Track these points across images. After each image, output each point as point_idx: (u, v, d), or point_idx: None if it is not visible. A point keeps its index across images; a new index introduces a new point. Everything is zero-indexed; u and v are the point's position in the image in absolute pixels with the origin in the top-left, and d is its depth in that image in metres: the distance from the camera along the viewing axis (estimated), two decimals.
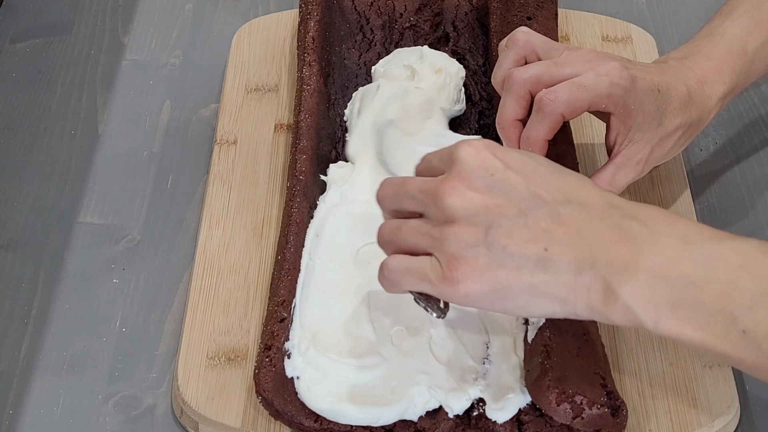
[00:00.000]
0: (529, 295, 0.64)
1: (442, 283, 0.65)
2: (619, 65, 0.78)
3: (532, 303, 0.65)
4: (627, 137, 0.80)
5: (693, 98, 0.81)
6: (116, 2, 1.09)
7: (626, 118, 0.79)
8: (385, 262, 0.68)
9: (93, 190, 0.92)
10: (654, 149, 0.81)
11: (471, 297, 0.65)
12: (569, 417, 0.71)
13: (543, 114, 0.78)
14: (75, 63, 1.03)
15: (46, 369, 0.80)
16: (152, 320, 0.83)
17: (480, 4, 1.00)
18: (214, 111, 0.98)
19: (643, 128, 0.80)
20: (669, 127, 0.81)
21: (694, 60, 0.83)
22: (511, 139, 0.81)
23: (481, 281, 0.64)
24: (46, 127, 0.98)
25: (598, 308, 0.63)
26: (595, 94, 0.77)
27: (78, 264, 0.87)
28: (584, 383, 0.71)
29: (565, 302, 0.64)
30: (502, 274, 0.64)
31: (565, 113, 0.78)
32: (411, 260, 0.67)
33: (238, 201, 0.89)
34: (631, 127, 0.80)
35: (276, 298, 0.78)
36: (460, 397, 0.73)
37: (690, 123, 0.82)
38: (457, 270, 0.64)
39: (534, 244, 0.64)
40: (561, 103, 0.77)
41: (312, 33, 0.95)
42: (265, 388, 0.74)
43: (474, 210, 0.64)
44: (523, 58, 0.82)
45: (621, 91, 0.78)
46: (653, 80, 0.79)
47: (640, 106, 0.79)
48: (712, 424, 0.75)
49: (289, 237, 0.81)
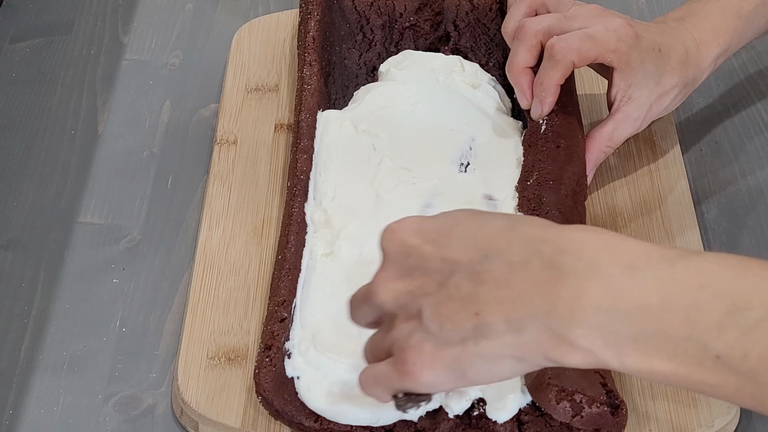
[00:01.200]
0: (485, 364, 0.60)
1: (403, 380, 0.62)
2: (625, 22, 0.83)
3: (494, 369, 0.60)
4: (627, 94, 0.84)
5: (690, 58, 0.85)
6: (116, 2, 1.09)
7: (627, 74, 0.83)
8: (362, 376, 0.66)
9: (93, 190, 0.92)
10: (652, 106, 0.85)
11: (434, 383, 0.61)
12: (569, 415, 0.71)
13: (555, 60, 0.82)
14: (75, 63, 1.03)
15: (46, 369, 0.80)
16: (152, 320, 0.83)
17: (480, 3, 1.01)
18: (214, 111, 0.98)
19: (642, 86, 0.84)
20: (666, 86, 0.85)
21: (691, 21, 0.87)
22: (521, 84, 0.86)
23: (434, 366, 0.60)
24: (46, 127, 0.98)
25: (556, 358, 0.58)
26: (602, 47, 0.82)
27: (78, 264, 0.87)
28: (584, 382, 0.71)
29: (523, 359, 0.59)
30: (449, 353, 0.60)
31: (575, 60, 0.82)
32: (373, 368, 0.64)
33: (238, 201, 0.89)
34: (631, 84, 0.84)
35: (276, 298, 0.78)
36: (460, 398, 0.73)
37: (686, 82, 0.86)
38: (407, 364, 0.61)
39: (465, 313, 0.59)
40: (572, 51, 0.82)
41: (312, 33, 0.95)
42: (265, 388, 0.74)
43: (403, 299, 0.62)
44: (534, 10, 0.87)
45: (626, 47, 0.82)
46: (655, 40, 0.84)
47: (641, 64, 0.83)
48: (712, 424, 0.75)
49: (290, 237, 0.81)
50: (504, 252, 0.59)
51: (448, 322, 0.59)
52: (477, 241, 0.60)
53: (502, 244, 0.60)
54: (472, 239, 0.61)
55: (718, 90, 1.00)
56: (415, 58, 0.96)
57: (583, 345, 0.57)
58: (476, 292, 0.59)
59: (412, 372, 0.61)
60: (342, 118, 0.90)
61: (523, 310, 0.58)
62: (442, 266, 0.61)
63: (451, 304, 0.60)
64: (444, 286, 0.60)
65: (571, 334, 0.57)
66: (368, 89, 0.94)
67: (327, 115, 0.90)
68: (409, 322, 0.61)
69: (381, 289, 0.63)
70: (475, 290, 0.59)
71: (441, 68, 0.94)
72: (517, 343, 0.58)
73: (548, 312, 0.57)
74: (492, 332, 0.58)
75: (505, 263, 0.59)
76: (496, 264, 0.59)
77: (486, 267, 0.59)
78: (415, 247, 0.62)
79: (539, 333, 0.57)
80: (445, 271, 0.60)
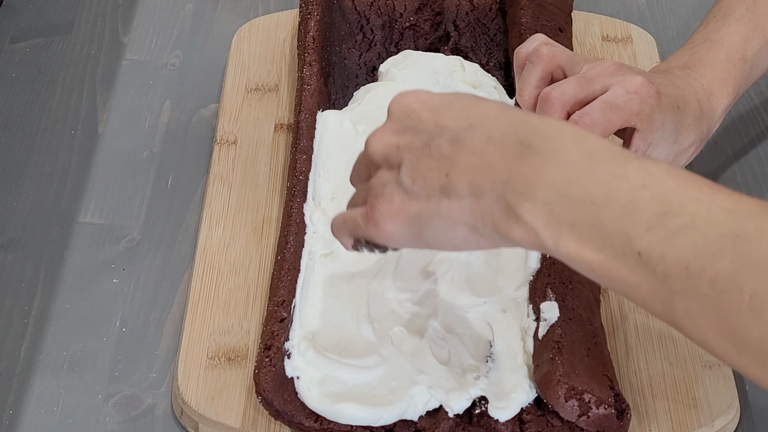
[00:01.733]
0: (442, 225, 0.64)
1: (367, 225, 0.66)
2: (645, 81, 0.78)
3: (449, 233, 0.64)
4: (645, 154, 0.80)
5: (703, 112, 0.82)
6: (116, 2, 1.09)
7: (648, 135, 0.79)
8: (334, 219, 0.70)
9: (93, 190, 0.92)
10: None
11: (394, 236, 0.65)
12: (576, 414, 0.71)
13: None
14: (75, 63, 1.03)
15: (46, 369, 0.80)
16: (152, 320, 0.83)
17: (480, 3, 1.01)
18: (214, 111, 0.98)
19: (661, 145, 0.80)
20: (684, 144, 0.81)
21: (698, 70, 0.83)
22: None
23: (398, 218, 0.65)
24: (46, 127, 0.98)
25: (502, 230, 0.61)
26: (627, 114, 0.77)
27: (78, 264, 0.87)
28: (593, 383, 0.71)
29: (475, 229, 0.63)
30: (414, 207, 0.64)
31: (601, 135, 0.77)
32: (347, 212, 0.69)
33: (238, 201, 0.89)
34: (650, 144, 0.80)
35: (276, 298, 0.78)
36: (461, 397, 0.73)
37: (702, 138, 0.83)
38: (375, 210, 0.65)
39: (437, 172, 0.63)
40: (597, 127, 0.77)
41: (312, 33, 0.95)
42: (265, 388, 0.74)
43: (389, 151, 0.65)
44: (549, 74, 0.82)
45: (649, 108, 0.78)
46: (673, 95, 0.80)
47: (662, 124, 0.79)
48: (712, 424, 0.75)
49: (289, 237, 0.81)
50: (488, 126, 0.63)
51: (420, 177, 0.64)
52: (469, 113, 0.64)
53: (490, 119, 0.63)
54: (466, 112, 0.64)
55: None
56: (415, 59, 0.96)
57: (527, 220, 0.60)
58: (452, 155, 0.63)
59: (376, 218, 0.65)
60: (342, 118, 0.90)
61: (487, 178, 0.62)
62: (432, 129, 0.64)
63: (428, 161, 0.63)
64: (427, 145, 0.64)
65: (520, 206, 0.60)
66: (368, 89, 0.94)
67: (327, 115, 0.90)
68: (388, 173, 0.65)
69: (374, 141, 0.67)
70: (451, 153, 0.63)
71: (441, 68, 0.94)
72: (474, 209, 0.62)
73: (506, 182, 0.61)
74: (455, 194, 0.62)
75: (485, 135, 0.63)
76: (477, 134, 0.63)
77: (468, 135, 0.63)
78: (415, 111, 0.66)
79: (494, 202, 0.61)
80: (432, 133, 0.64)
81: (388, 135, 0.66)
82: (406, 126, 0.65)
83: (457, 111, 0.64)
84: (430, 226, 0.64)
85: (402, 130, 0.65)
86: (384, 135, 0.66)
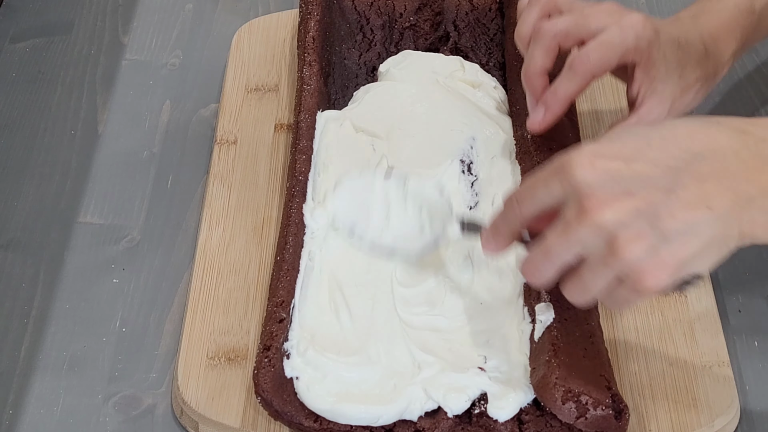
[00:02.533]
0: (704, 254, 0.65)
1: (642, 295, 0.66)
2: (643, 17, 0.81)
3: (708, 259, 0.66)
4: (650, 88, 0.82)
5: (709, 53, 0.84)
6: (116, 2, 1.09)
7: (650, 68, 0.82)
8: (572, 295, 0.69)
9: (93, 190, 0.92)
10: (675, 101, 0.84)
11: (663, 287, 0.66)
12: (573, 416, 0.71)
13: (574, 72, 0.81)
14: (75, 63, 1.03)
15: (46, 369, 0.80)
16: (152, 320, 0.83)
17: (480, 3, 1.00)
18: (214, 111, 0.98)
19: (665, 80, 0.82)
20: (689, 79, 0.83)
21: (705, 18, 0.86)
22: (535, 87, 0.84)
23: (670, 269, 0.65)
24: (46, 127, 0.98)
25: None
26: (623, 49, 0.80)
27: (78, 264, 0.87)
28: (590, 384, 0.71)
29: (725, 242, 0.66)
30: (683, 251, 0.65)
31: (597, 73, 0.81)
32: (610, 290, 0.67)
33: (238, 201, 0.89)
34: (654, 78, 0.82)
35: (275, 299, 0.78)
36: (460, 398, 0.73)
37: (707, 76, 0.85)
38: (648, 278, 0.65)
39: (697, 209, 0.64)
40: (593, 64, 0.80)
41: (312, 33, 0.95)
42: (265, 388, 0.74)
43: (628, 218, 0.64)
44: (547, 13, 0.84)
45: (646, 43, 0.80)
46: (674, 33, 0.83)
47: (663, 57, 0.81)
48: (712, 424, 0.75)
49: (288, 238, 0.81)
50: (714, 149, 0.65)
51: (682, 221, 0.64)
52: (682, 144, 0.66)
53: (703, 140, 0.66)
54: (677, 145, 0.66)
55: (718, 90, 1.00)
56: (415, 58, 0.96)
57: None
58: (703, 188, 0.65)
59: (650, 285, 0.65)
60: (342, 118, 0.90)
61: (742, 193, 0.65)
62: (663, 175, 0.65)
63: (683, 205, 0.64)
64: (671, 191, 0.64)
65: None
66: (368, 89, 0.94)
67: (326, 115, 0.90)
68: (638, 238, 0.64)
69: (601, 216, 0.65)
70: (701, 188, 0.65)
71: (441, 68, 0.94)
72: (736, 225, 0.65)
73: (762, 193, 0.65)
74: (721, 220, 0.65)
75: (717, 157, 0.65)
76: (710, 160, 0.65)
77: (703, 165, 0.65)
78: (624, 169, 0.65)
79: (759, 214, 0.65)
80: (668, 179, 0.65)
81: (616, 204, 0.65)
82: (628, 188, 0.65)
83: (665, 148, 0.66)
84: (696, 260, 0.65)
85: (626, 193, 0.65)
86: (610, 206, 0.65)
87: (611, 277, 0.66)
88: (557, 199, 0.67)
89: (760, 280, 0.86)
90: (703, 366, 0.78)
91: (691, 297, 0.82)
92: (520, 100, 0.89)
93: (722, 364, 0.78)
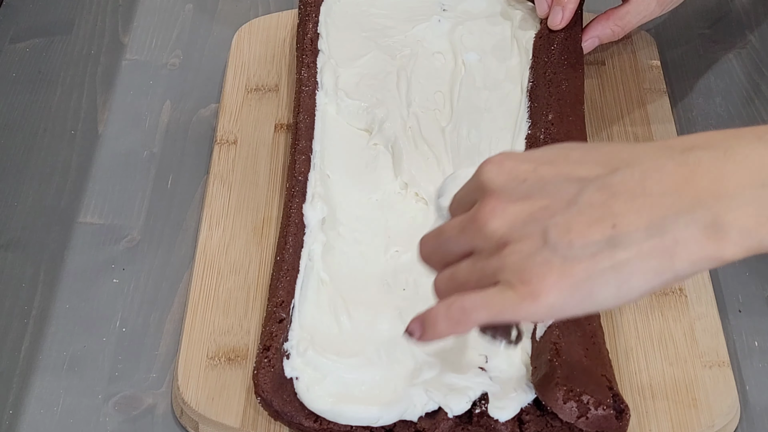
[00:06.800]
0: (616, 280, 0.58)
1: (521, 303, 0.59)
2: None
3: (623, 286, 0.58)
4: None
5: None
6: (116, 2, 1.09)
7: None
8: (458, 303, 0.62)
9: (93, 190, 0.92)
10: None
11: (556, 306, 0.59)
12: (574, 415, 0.71)
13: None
14: (75, 63, 1.03)
15: (46, 369, 0.80)
16: (152, 320, 0.83)
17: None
18: (214, 111, 0.98)
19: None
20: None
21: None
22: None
23: (561, 285, 0.58)
24: (46, 127, 0.98)
25: (709, 254, 0.57)
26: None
27: (78, 264, 0.87)
28: (591, 384, 0.71)
29: (659, 270, 0.58)
30: (579, 269, 0.58)
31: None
32: (482, 294, 0.61)
33: (238, 201, 0.89)
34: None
35: (275, 299, 0.78)
36: (460, 398, 0.73)
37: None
38: (531, 284, 0.59)
39: (599, 226, 0.58)
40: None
41: (310, 35, 0.95)
42: (264, 388, 0.74)
43: (521, 222, 0.60)
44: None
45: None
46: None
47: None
48: (712, 424, 0.75)
49: (288, 238, 0.81)
50: (632, 162, 0.59)
51: (579, 238, 0.58)
52: (599, 159, 0.60)
53: (627, 156, 0.60)
54: (593, 158, 0.61)
55: (718, 90, 1.00)
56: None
57: (740, 227, 0.56)
58: (610, 204, 0.58)
59: (535, 292, 0.59)
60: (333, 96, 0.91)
61: (665, 211, 0.57)
62: (568, 185, 0.60)
63: (583, 219, 0.59)
64: (573, 203, 0.59)
65: (724, 219, 0.56)
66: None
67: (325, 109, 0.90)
68: (527, 243, 0.59)
69: (493, 217, 0.61)
70: (608, 203, 0.58)
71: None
72: (657, 248, 0.57)
73: (692, 206, 0.57)
74: (628, 241, 0.58)
75: (637, 172, 0.59)
76: (627, 174, 0.59)
77: (618, 179, 0.59)
78: (530, 172, 0.61)
79: (687, 229, 0.57)
80: (573, 189, 0.60)
81: (507, 206, 0.61)
82: (529, 192, 0.61)
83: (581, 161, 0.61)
84: (603, 283, 0.58)
85: (524, 196, 0.61)
86: (506, 207, 0.61)
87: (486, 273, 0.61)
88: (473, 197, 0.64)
89: (760, 280, 0.86)
90: (703, 366, 0.78)
91: (691, 297, 0.82)
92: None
93: (722, 364, 0.78)
